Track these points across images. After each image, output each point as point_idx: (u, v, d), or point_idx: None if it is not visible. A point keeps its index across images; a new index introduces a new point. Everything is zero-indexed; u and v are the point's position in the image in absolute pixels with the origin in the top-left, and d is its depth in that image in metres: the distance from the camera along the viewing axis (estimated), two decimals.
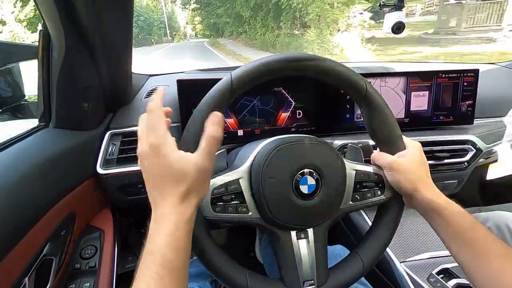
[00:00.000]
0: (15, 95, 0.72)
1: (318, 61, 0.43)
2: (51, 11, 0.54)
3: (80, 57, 0.64)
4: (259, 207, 0.44)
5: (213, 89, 0.41)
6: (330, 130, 0.85)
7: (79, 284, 0.63)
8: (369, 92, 0.46)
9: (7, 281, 0.46)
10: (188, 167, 0.35)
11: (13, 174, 0.51)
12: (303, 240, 0.46)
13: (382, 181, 0.49)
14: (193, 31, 42.30)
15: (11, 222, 0.47)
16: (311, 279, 0.45)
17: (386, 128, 0.48)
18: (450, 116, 0.89)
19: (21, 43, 0.78)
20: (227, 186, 0.43)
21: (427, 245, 0.76)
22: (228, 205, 0.43)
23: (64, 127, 0.70)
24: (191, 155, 0.35)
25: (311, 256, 0.45)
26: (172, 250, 0.32)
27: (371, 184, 0.48)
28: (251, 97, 0.80)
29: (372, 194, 0.48)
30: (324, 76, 0.45)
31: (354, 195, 0.48)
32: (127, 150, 0.77)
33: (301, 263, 0.45)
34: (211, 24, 24.79)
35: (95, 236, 0.73)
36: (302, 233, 0.46)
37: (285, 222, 0.44)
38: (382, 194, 0.49)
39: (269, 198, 0.43)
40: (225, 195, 0.43)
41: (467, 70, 0.86)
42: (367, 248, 0.48)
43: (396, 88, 0.85)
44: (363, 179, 0.48)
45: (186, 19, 43.98)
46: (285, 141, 0.45)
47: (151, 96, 0.87)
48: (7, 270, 0.45)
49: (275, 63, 0.42)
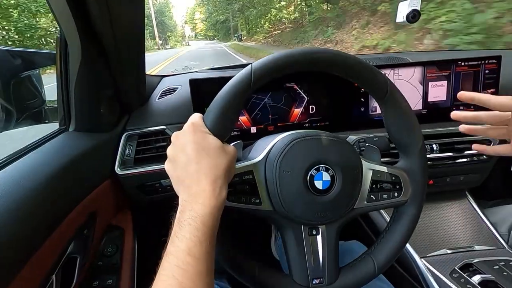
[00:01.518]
0: (37, 100, 0.75)
1: (337, 55, 0.43)
2: (67, 18, 0.56)
3: (96, 62, 0.65)
4: (272, 199, 0.44)
5: (234, 78, 0.41)
6: (344, 124, 0.84)
7: (102, 280, 0.66)
8: (391, 93, 0.45)
9: (36, 278, 0.49)
10: (226, 149, 0.39)
11: (39, 177, 0.53)
12: (315, 237, 0.45)
13: (400, 182, 0.47)
14: (192, 31, 38.56)
15: (38, 222, 0.49)
16: (321, 277, 0.45)
17: (407, 132, 0.47)
18: (470, 106, 0.85)
19: (41, 51, 0.81)
20: (241, 176, 0.43)
21: (448, 240, 0.74)
22: (241, 194, 0.43)
23: (82, 130, 0.72)
24: (225, 144, 0.40)
25: (322, 253, 0.45)
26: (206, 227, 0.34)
27: (388, 185, 0.47)
28: (262, 95, 0.79)
29: (389, 196, 0.47)
30: (347, 72, 0.44)
31: (370, 195, 0.47)
32: (143, 151, 0.79)
33: (311, 260, 0.45)
34: (219, 23, 23.01)
35: (116, 234, 0.75)
36: (314, 229, 0.46)
37: (297, 216, 0.44)
38: (399, 196, 0.47)
39: (282, 191, 0.42)
40: (239, 184, 0.43)
41: (488, 57, 0.82)
42: (380, 251, 0.47)
43: (412, 79, 0.82)
44: (380, 180, 0.47)
45: (184, 18, 39.30)
46: (302, 135, 0.45)
47: (165, 97, 0.88)
48: (35, 267, 0.48)
49: (298, 56, 0.41)
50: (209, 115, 0.41)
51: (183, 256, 0.32)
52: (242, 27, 21.28)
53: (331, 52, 0.43)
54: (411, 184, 0.48)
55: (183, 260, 0.31)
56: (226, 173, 0.37)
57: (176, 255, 0.32)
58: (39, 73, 0.74)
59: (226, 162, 0.38)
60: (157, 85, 0.95)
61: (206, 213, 0.34)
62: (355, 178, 0.45)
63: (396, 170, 0.48)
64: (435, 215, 0.80)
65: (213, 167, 0.36)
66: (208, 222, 0.34)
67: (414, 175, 0.48)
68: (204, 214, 0.34)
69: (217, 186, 0.36)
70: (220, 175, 0.36)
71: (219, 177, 0.36)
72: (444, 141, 0.82)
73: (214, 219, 0.34)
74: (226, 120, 0.40)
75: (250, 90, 0.41)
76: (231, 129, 0.42)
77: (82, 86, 0.66)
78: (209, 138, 0.38)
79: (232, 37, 38.14)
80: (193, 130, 0.38)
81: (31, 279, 0.47)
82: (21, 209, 0.47)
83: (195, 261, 0.32)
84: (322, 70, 0.43)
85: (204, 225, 0.33)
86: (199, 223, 0.33)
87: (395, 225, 0.48)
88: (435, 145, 0.81)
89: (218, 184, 0.36)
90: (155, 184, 0.80)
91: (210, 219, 0.34)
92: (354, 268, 0.47)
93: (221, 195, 0.36)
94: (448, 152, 0.82)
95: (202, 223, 0.33)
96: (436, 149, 0.81)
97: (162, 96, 0.89)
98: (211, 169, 0.36)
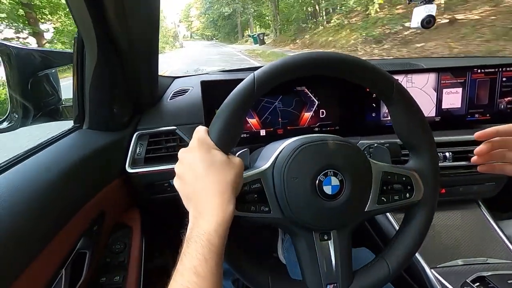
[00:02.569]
0: (53, 98, 0.78)
1: (341, 57, 0.42)
2: (85, 20, 0.58)
3: (111, 63, 0.67)
4: (281, 207, 0.44)
5: (237, 89, 0.41)
6: (355, 129, 0.83)
7: (110, 277, 0.67)
8: (398, 92, 0.44)
9: (46, 272, 0.50)
10: (233, 162, 0.39)
11: (53, 173, 0.55)
12: (326, 242, 0.45)
13: (411, 183, 0.46)
14: (188, 31, 32.02)
15: (50, 216, 0.50)
16: (335, 282, 0.44)
17: (416, 131, 0.46)
18: (486, 114, 0.83)
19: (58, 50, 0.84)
20: (249, 185, 0.43)
21: (460, 251, 0.71)
22: (250, 204, 0.43)
23: (96, 128, 0.74)
24: (231, 156, 0.40)
25: (334, 258, 0.44)
26: (217, 236, 0.34)
27: (399, 186, 0.46)
28: (272, 99, 0.79)
29: (400, 197, 0.46)
30: (351, 73, 0.43)
31: (381, 197, 0.46)
32: (153, 150, 0.80)
33: (324, 265, 0.44)
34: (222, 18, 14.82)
35: (124, 232, 0.76)
36: (326, 234, 0.45)
37: (307, 223, 0.43)
38: (410, 197, 0.46)
39: (291, 198, 0.42)
40: (248, 193, 0.43)
41: (506, 64, 0.80)
42: (394, 254, 0.46)
43: (426, 86, 0.81)
44: (391, 181, 0.46)
45: (179, 16, 30.00)
46: (308, 140, 0.44)
47: (176, 98, 0.90)
48: (45, 261, 0.49)
49: (299, 61, 0.41)
50: (213, 128, 0.41)
51: (189, 275, 0.32)
52: (258, 23, 14.57)
53: (333, 55, 0.42)
54: (423, 184, 0.47)
55: (189, 279, 0.31)
56: (233, 187, 0.38)
57: (182, 273, 0.32)
58: (56, 72, 0.76)
59: (233, 175, 0.38)
60: (169, 86, 0.97)
61: (211, 229, 0.34)
62: (365, 181, 0.44)
63: (406, 171, 0.47)
64: (446, 224, 0.78)
65: (220, 182, 0.37)
66: (213, 239, 0.34)
67: (425, 175, 0.47)
68: (209, 231, 0.34)
69: (224, 201, 0.36)
70: (226, 190, 0.37)
71: (226, 192, 0.36)
72: (458, 149, 0.80)
73: (219, 236, 0.34)
74: (231, 131, 0.41)
75: (253, 99, 0.41)
76: (237, 139, 0.42)
77: (96, 86, 0.68)
78: (214, 153, 0.38)
79: (240, 37, 29.54)
80: (199, 147, 0.39)
81: (41, 273, 0.48)
82: (34, 204, 0.48)
83: (201, 280, 0.31)
84: (326, 74, 0.43)
85: (210, 242, 0.33)
86: (204, 240, 0.33)
87: (408, 226, 0.47)
88: (448, 153, 0.79)
89: (225, 198, 0.36)
90: (164, 184, 0.81)
91: (215, 236, 0.34)
92: (368, 272, 0.46)
93: (228, 209, 0.36)
94: (462, 161, 0.80)
95: (208, 240, 0.33)
96: (449, 157, 0.79)
97: (173, 97, 0.90)
98: (218, 184, 0.36)
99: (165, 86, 0.95)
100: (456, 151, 0.79)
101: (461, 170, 0.80)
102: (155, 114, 0.84)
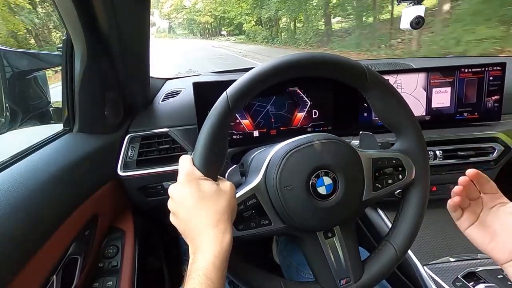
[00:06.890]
0: (42, 101, 0.76)
1: (306, 57, 0.42)
2: (73, 20, 0.57)
3: (101, 64, 0.66)
4: (281, 216, 0.44)
5: (212, 111, 0.40)
6: (348, 129, 0.83)
7: (102, 282, 0.66)
8: (371, 77, 0.44)
9: (36, 278, 0.49)
10: (223, 188, 0.39)
11: (42, 176, 0.54)
12: (332, 239, 0.45)
13: (401, 164, 0.47)
14: (171, 22, 23.83)
15: (40, 222, 0.49)
16: (346, 276, 0.45)
17: (396, 112, 0.46)
18: (475, 112, 0.85)
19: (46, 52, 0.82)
20: (245, 202, 0.43)
21: (452, 248, 0.73)
22: (250, 220, 0.43)
23: (86, 131, 0.73)
24: (221, 182, 0.40)
25: (342, 253, 0.45)
26: (216, 269, 0.34)
27: (390, 169, 0.47)
28: (264, 103, 0.79)
29: (393, 180, 0.47)
30: (322, 70, 0.43)
31: (375, 184, 0.46)
32: (146, 153, 0.79)
33: (333, 262, 0.45)
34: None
35: (117, 236, 0.75)
36: (329, 232, 0.46)
37: (309, 226, 0.44)
38: (404, 178, 0.47)
39: (289, 206, 0.42)
40: (245, 211, 0.43)
41: (493, 64, 0.82)
42: (398, 234, 0.47)
43: (415, 85, 0.82)
44: (381, 166, 0.47)
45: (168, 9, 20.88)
46: (294, 145, 0.44)
47: (168, 99, 0.89)
48: (36, 267, 0.48)
49: (266, 70, 0.41)
50: (197, 156, 0.40)
51: None
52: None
53: (297, 56, 0.42)
54: (413, 163, 0.47)
55: None
56: (228, 214, 0.37)
57: None
58: (45, 74, 0.75)
59: (225, 202, 0.37)
60: (160, 88, 0.96)
61: (209, 263, 0.33)
62: (356, 172, 0.45)
63: (395, 153, 0.47)
64: (438, 222, 0.79)
65: (213, 213, 0.36)
66: (211, 273, 0.33)
67: (413, 153, 0.47)
68: (207, 265, 0.33)
69: (219, 232, 0.35)
70: (221, 220, 0.36)
71: (220, 222, 0.36)
72: (448, 147, 0.81)
73: (217, 269, 0.34)
74: (214, 156, 0.40)
75: (231, 116, 0.41)
76: (223, 161, 0.42)
77: (87, 88, 0.67)
78: (203, 184, 0.38)
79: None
80: (187, 181, 0.38)
81: (31, 279, 0.47)
82: (24, 209, 0.47)
83: None
84: (296, 76, 0.43)
85: (207, 277, 0.33)
86: (202, 276, 0.33)
87: (407, 206, 0.48)
88: (439, 152, 0.80)
89: (220, 229, 0.36)
90: (157, 186, 0.80)
91: (213, 270, 0.33)
92: (376, 258, 0.46)
93: (224, 240, 0.35)
94: (452, 159, 0.81)
95: (205, 275, 0.33)
96: (439, 155, 0.80)
97: (165, 99, 0.89)
98: (212, 216, 0.36)
99: (157, 88, 0.95)
100: (446, 150, 0.81)
101: (451, 168, 0.82)
102: (147, 116, 0.83)
